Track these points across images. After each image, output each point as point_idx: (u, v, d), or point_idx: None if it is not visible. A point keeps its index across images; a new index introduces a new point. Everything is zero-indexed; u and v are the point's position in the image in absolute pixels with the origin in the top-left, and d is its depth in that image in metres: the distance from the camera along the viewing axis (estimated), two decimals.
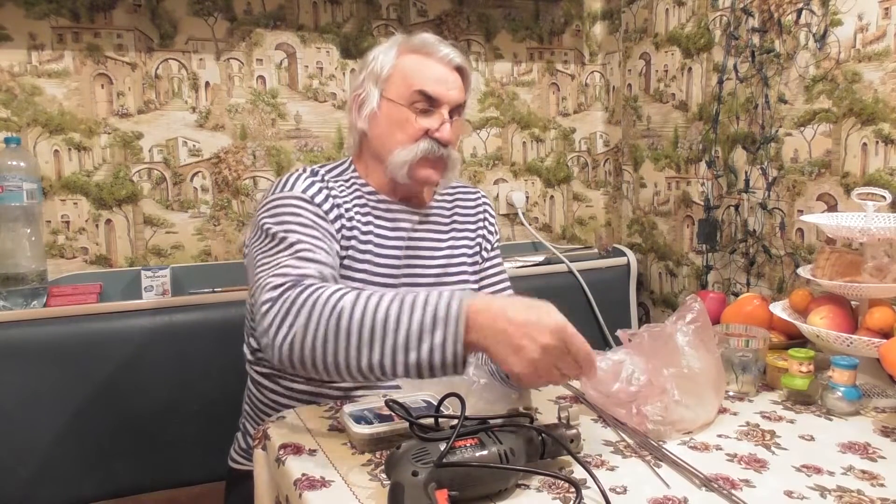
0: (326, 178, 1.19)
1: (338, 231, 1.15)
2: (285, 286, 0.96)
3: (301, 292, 0.94)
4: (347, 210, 1.18)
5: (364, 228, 1.19)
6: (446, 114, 1.18)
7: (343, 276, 1.16)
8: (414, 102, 1.17)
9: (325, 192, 1.16)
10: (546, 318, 0.87)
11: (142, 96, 1.88)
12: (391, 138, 1.18)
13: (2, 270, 1.61)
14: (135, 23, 1.85)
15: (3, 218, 1.62)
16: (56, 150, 1.81)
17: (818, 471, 0.91)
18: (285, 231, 1.08)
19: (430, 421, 0.90)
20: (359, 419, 0.98)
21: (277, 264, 1.02)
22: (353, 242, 1.17)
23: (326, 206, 1.14)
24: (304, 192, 1.14)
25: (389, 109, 1.19)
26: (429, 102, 1.17)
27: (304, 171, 1.19)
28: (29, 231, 1.64)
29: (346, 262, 1.16)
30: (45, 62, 1.78)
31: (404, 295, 0.92)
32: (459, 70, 1.21)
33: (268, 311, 0.95)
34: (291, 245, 1.06)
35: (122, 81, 1.85)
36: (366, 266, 1.18)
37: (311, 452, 0.96)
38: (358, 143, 1.25)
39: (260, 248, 1.08)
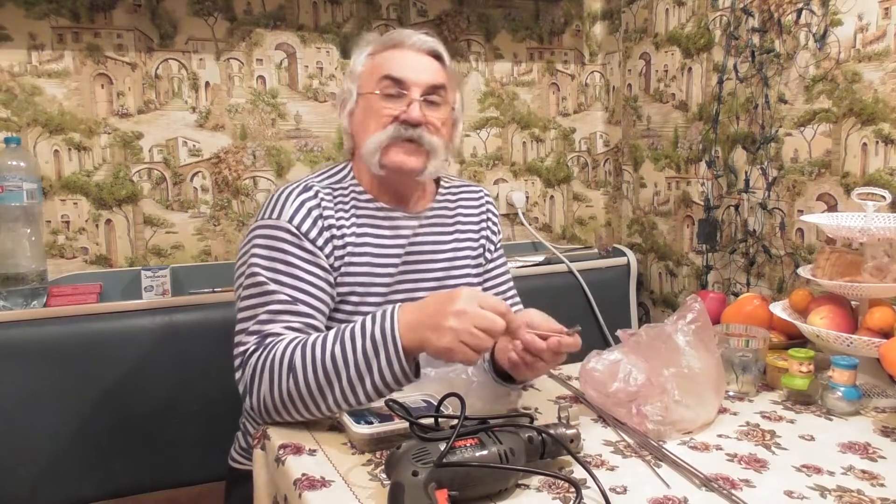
0: (322, 192, 1.16)
1: (329, 255, 1.13)
2: (248, 352, 1.06)
3: (259, 356, 1.03)
4: (339, 227, 1.15)
5: (359, 241, 1.17)
6: (416, 95, 1.15)
7: (343, 294, 1.15)
8: (383, 89, 1.16)
9: (315, 212, 1.13)
10: (453, 292, 0.95)
11: (142, 96, 1.88)
12: (365, 129, 1.17)
13: (2, 270, 1.61)
14: (135, 23, 1.85)
15: (3, 218, 1.62)
16: (56, 150, 1.81)
17: (818, 471, 0.91)
18: (267, 275, 1.09)
19: (430, 421, 0.90)
20: (359, 419, 0.98)
21: (250, 318, 1.08)
22: (346, 259, 1.15)
23: (314, 233, 1.12)
24: (291, 219, 1.12)
25: (363, 102, 1.19)
26: (397, 86, 1.15)
27: (298, 187, 1.16)
28: (29, 231, 1.64)
29: (340, 278, 1.15)
30: (45, 62, 1.78)
31: (344, 330, 1.00)
32: (434, 55, 1.20)
33: (239, 378, 1.07)
34: (268, 293, 1.08)
35: (122, 81, 1.85)
36: (362, 279, 1.16)
37: (312, 452, 0.96)
38: (351, 145, 1.24)
39: (243, 286, 1.12)
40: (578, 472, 0.88)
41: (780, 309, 1.32)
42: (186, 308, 1.66)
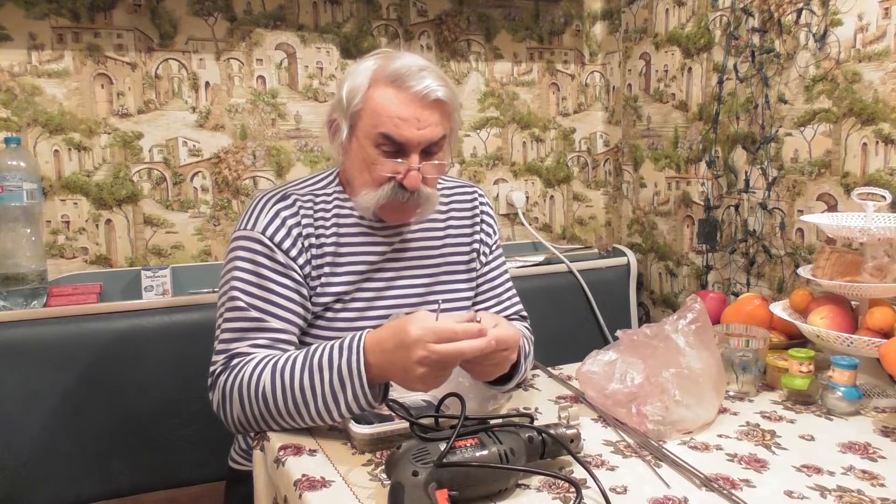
0: (300, 200, 1.15)
1: (304, 265, 1.12)
2: (216, 373, 1.08)
3: (229, 376, 1.05)
4: (318, 236, 1.14)
5: (342, 249, 1.15)
6: (415, 158, 1.09)
7: (326, 303, 1.14)
8: (379, 145, 1.09)
9: (290, 221, 1.12)
10: (407, 329, 0.91)
11: (142, 96, 1.88)
12: (359, 177, 1.13)
13: (2, 270, 1.61)
14: (135, 23, 1.85)
15: (3, 218, 1.62)
16: (56, 150, 1.81)
17: (818, 471, 0.91)
18: (239, 289, 1.09)
19: (431, 421, 0.90)
20: (359, 419, 0.98)
21: (220, 333, 1.10)
22: (326, 268, 1.14)
23: (288, 243, 1.11)
24: (264, 230, 1.11)
25: (357, 147, 1.12)
26: (396, 146, 1.09)
27: (275, 195, 1.15)
28: (29, 231, 1.64)
29: (321, 287, 1.14)
30: (45, 62, 1.78)
31: (312, 356, 0.99)
32: (440, 102, 1.10)
33: (211, 397, 1.09)
34: (238, 310, 1.09)
35: (122, 81, 1.85)
36: (346, 288, 1.15)
37: (312, 453, 0.96)
38: (341, 161, 1.20)
39: (220, 301, 1.13)
40: (578, 472, 0.88)
41: (780, 309, 1.32)
42: (186, 308, 1.66)
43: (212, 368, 1.09)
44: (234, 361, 1.06)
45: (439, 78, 1.10)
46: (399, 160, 1.10)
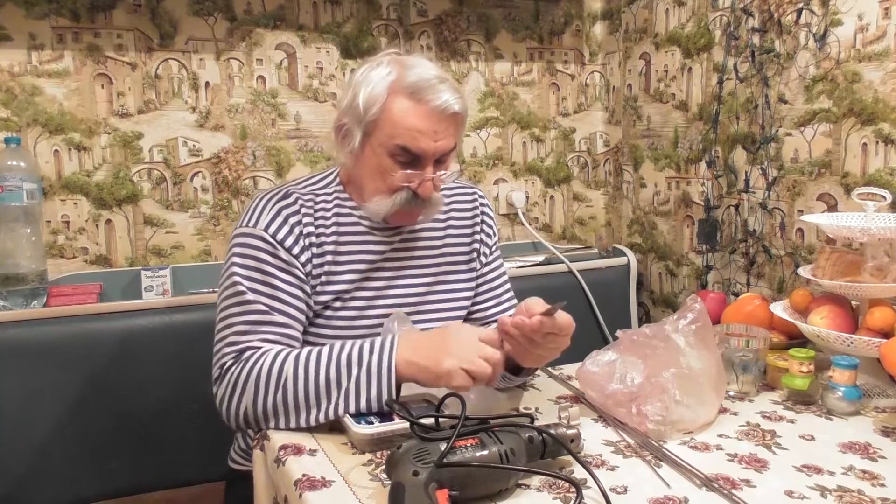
0: (302, 199, 1.15)
1: (306, 263, 1.12)
2: (225, 365, 1.07)
3: (242, 367, 1.04)
4: (319, 235, 1.14)
5: (342, 248, 1.16)
6: (430, 169, 1.11)
7: (326, 301, 1.14)
8: (395, 155, 1.10)
9: (292, 220, 1.12)
10: (458, 328, 1.04)
11: (142, 96, 1.88)
12: (371, 183, 1.13)
13: (2, 270, 1.61)
14: (135, 23, 1.85)
15: (3, 218, 1.62)
16: (56, 150, 1.81)
17: (818, 471, 0.91)
18: (245, 284, 1.09)
19: (431, 421, 0.90)
20: (359, 419, 0.98)
21: (228, 327, 1.09)
22: (326, 267, 1.14)
23: (290, 241, 1.11)
24: (267, 227, 1.11)
25: (371, 155, 1.12)
26: (411, 156, 1.10)
27: (276, 194, 1.15)
28: (29, 231, 1.64)
29: (321, 286, 1.14)
30: (45, 62, 1.78)
31: (339, 351, 1.02)
32: (455, 115, 1.11)
33: (216, 389, 1.08)
34: (245, 303, 1.09)
35: (122, 81, 1.85)
36: (346, 287, 1.15)
37: (312, 452, 0.96)
38: (345, 164, 1.19)
39: (223, 294, 1.12)
40: (579, 472, 0.88)
41: (780, 309, 1.32)
42: (186, 308, 1.66)
43: (221, 361, 1.08)
44: (246, 354, 1.06)
45: (454, 90, 1.11)
46: (412, 171, 1.11)
